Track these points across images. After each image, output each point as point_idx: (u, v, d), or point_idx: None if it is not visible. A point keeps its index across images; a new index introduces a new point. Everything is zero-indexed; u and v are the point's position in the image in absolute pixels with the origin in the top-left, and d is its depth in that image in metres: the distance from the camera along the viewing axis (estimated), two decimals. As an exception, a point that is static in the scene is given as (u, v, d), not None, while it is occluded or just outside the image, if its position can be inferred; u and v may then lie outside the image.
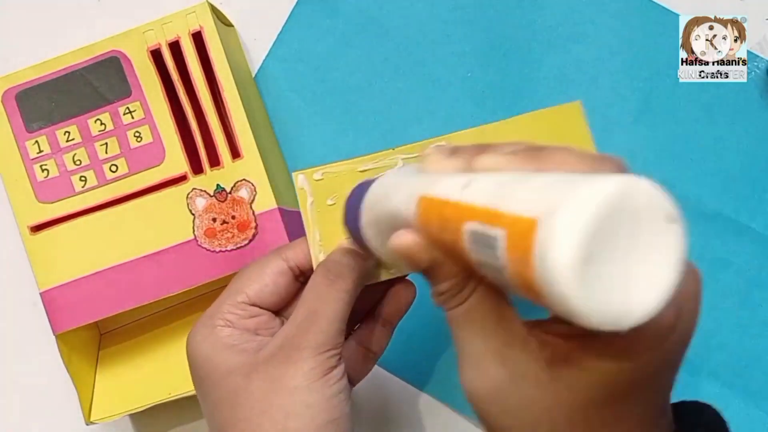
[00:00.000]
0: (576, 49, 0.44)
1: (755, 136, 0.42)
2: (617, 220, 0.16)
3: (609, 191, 0.15)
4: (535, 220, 0.16)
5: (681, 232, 0.17)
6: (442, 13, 0.44)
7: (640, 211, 0.16)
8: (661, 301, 0.16)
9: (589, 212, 0.15)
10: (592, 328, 0.16)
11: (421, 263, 0.23)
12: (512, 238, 0.17)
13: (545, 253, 0.15)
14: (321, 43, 0.45)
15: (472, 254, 0.19)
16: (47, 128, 0.39)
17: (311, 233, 0.31)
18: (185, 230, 0.38)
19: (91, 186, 0.39)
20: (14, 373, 0.45)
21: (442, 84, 0.44)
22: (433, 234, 0.22)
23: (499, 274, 0.18)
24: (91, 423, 0.38)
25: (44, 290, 0.38)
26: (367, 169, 0.31)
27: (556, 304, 0.16)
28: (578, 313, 0.16)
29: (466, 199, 0.20)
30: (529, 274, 0.16)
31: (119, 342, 0.43)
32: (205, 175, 0.39)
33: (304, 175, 0.31)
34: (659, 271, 0.16)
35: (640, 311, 0.16)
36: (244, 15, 0.45)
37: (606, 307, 0.16)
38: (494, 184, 0.19)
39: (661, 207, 0.16)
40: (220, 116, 0.39)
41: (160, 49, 0.39)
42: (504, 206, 0.18)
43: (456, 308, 0.23)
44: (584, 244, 0.15)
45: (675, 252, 0.17)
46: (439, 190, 0.22)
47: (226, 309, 0.30)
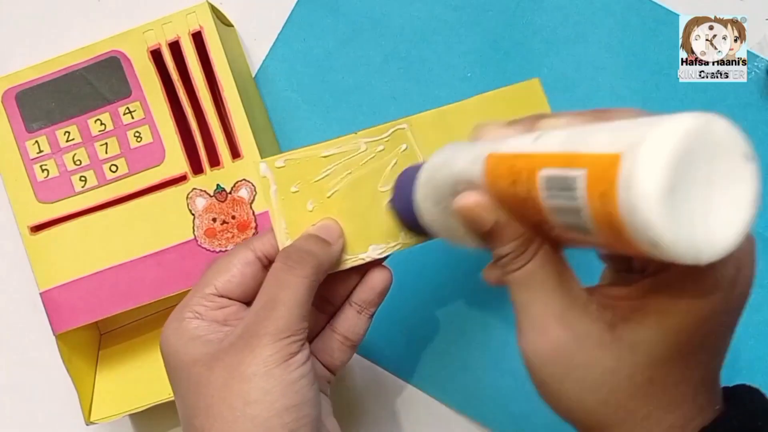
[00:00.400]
0: (576, 49, 0.44)
1: (755, 137, 0.42)
2: (699, 152, 0.16)
3: (692, 123, 0.16)
4: (618, 155, 0.16)
5: (756, 171, 0.17)
6: (442, 13, 0.44)
7: (719, 147, 0.17)
8: (739, 236, 0.17)
9: (673, 142, 0.16)
10: (675, 258, 0.16)
11: (486, 224, 0.23)
12: (593, 175, 0.17)
13: (630, 183, 0.16)
14: (321, 43, 0.45)
15: (547, 202, 0.20)
16: (47, 128, 0.39)
17: (277, 221, 0.31)
18: (185, 230, 0.38)
19: (91, 186, 0.39)
20: (14, 373, 0.45)
21: (442, 84, 0.44)
22: (502, 190, 0.22)
23: (576, 218, 0.18)
24: (91, 423, 0.38)
25: (44, 290, 0.38)
26: (330, 154, 0.31)
27: (641, 235, 0.16)
28: (664, 241, 0.16)
29: (539, 149, 0.20)
30: (611, 208, 0.17)
31: (119, 342, 0.43)
32: (205, 175, 0.39)
33: (266, 163, 0.31)
34: (737, 207, 0.17)
35: (720, 244, 0.17)
36: (244, 15, 0.45)
37: (689, 236, 0.16)
38: (566, 133, 0.20)
39: (739, 144, 0.17)
40: (220, 116, 0.39)
41: (160, 49, 0.39)
42: (582, 148, 0.18)
43: (518, 271, 0.23)
44: (670, 173, 0.16)
45: (751, 190, 0.17)
46: (508, 147, 0.22)
47: (195, 301, 0.30)
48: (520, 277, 0.23)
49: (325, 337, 0.33)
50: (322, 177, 0.31)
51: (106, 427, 0.44)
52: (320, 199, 0.31)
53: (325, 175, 0.31)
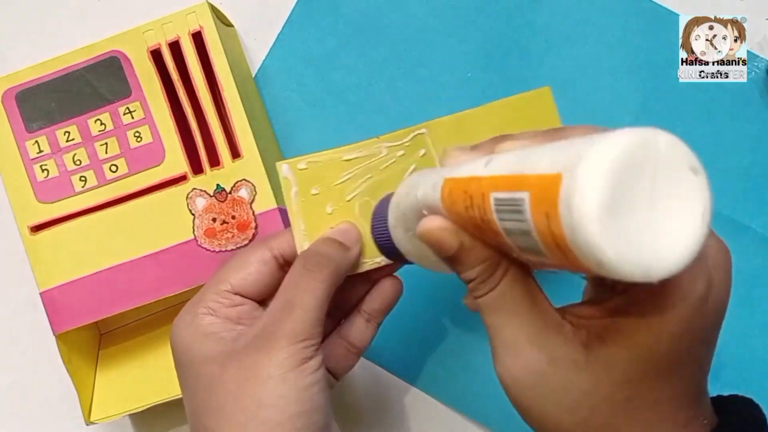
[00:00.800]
0: (576, 49, 0.44)
1: (755, 136, 0.43)
2: (640, 168, 0.16)
3: (629, 140, 0.16)
4: (559, 175, 0.16)
5: (705, 184, 0.17)
6: (442, 13, 0.44)
7: (662, 161, 0.16)
8: (691, 252, 0.17)
9: (610, 159, 0.16)
10: (621, 278, 0.16)
11: (450, 247, 0.22)
12: (537, 196, 0.17)
13: (570, 203, 0.16)
14: (321, 43, 0.45)
15: (501, 224, 0.19)
16: (47, 128, 0.39)
17: (296, 223, 0.31)
18: (185, 230, 0.38)
19: (91, 186, 0.39)
20: (14, 373, 0.45)
21: (442, 84, 0.44)
22: (460, 214, 0.22)
23: (528, 239, 0.18)
24: (91, 423, 0.38)
25: (44, 290, 0.38)
26: (352, 158, 0.31)
27: (585, 255, 0.16)
28: (607, 262, 0.16)
29: (489, 172, 0.20)
30: (556, 229, 0.16)
31: (119, 342, 0.43)
32: (205, 175, 0.39)
33: (288, 165, 0.31)
34: (686, 222, 0.17)
35: (670, 261, 0.16)
36: (244, 15, 0.45)
37: (635, 255, 0.16)
38: (515, 155, 0.20)
39: (684, 157, 0.17)
40: (220, 116, 0.39)
41: (160, 49, 0.39)
42: (527, 169, 0.18)
43: (487, 294, 0.23)
44: (609, 191, 0.15)
45: (700, 203, 0.17)
46: (462, 171, 0.22)
47: (209, 297, 0.30)
48: (489, 302, 0.23)
49: (332, 342, 0.33)
50: (343, 180, 0.31)
51: (106, 427, 0.44)
52: (340, 202, 0.31)
53: (346, 179, 0.31)
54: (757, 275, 0.42)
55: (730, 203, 0.42)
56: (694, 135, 0.43)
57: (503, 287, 0.22)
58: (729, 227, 0.42)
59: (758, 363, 0.41)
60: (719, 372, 0.41)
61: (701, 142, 0.43)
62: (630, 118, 0.43)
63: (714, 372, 0.42)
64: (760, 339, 0.41)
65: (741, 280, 0.41)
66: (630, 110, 0.43)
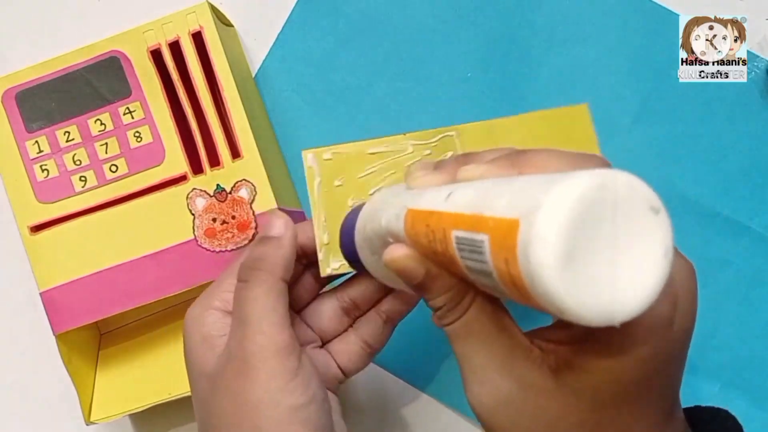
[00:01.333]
0: (576, 49, 0.43)
1: (755, 136, 0.43)
2: (598, 212, 0.16)
3: (586, 184, 0.15)
4: (516, 220, 0.16)
5: (666, 222, 0.16)
6: (442, 13, 0.44)
7: (620, 203, 0.16)
8: (653, 293, 0.16)
9: (567, 206, 0.15)
10: (584, 324, 0.16)
11: (416, 276, 0.22)
12: (496, 240, 0.17)
13: (528, 252, 0.15)
14: (321, 43, 0.45)
15: (462, 262, 0.19)
16: (47, 128, 0.39)
17: (317, 213, 0.30)
18: (185, 230, 0.38)
19: (91, 186, 0.39)
20: (14, 373, 0.45)
21: (442, 84, 0.44)
22: (424, 246, 0.22)
23: (489, 279, 0.18)
24: (91, 423, 0.38)
25: (44, 290, 0.38)
26: (377, 152, 0.31)
27: (545, 303, 0.16)
28: (567, 309, 0.15)
29: (449, 208, 0.20)
30: (515, 274, 0.16)
31: (119, 342, 0.43)
32: (205, 175, 0.39)
33: (313, 154, 0.30)
34: (648, 263, 0.16)
35: (631, 304, 0.16)
36: (244, 15, 0.45)
37: (595, 301, 0.16)
38: (476, 190, 0.19)
39: (643, 198, 0.16)
40: (220, 116, 0.39)
41: (160, 49, 0.39)
42: (486, 210, 0.18)
43: (455, 322, 0.22)
44: (565, 239, 0.15)
45: (662, 243, 0.16)
46: (424, 203, 0.22)
47: (225, 287, 0.30)
48: (457, 329, 0.22)
49: (347, 340, 0.33)
50: (366, 174, 0.31)
51: (106, 427, 0.44)
52: (361, 195, 0.31)
53: (370, 173, 0.31)
54: (757, 275, 0.42)
55: (730, 203, 0.42)
56: (694, 135, 0.43)
57: (470, 315, 0.22)
58: (729, 227, 0.42)
59: (758, 363, 0.41)
60: (719, 372, 0.41)
61: (701, 142, 0.43)
62: (630, 118, 0.43)
63: (714, 372, 0.42)
64: (760, 339, 0.41)
65: (741, 280, 0.42)
66: (630, 110, 0.43)
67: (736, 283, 0.42)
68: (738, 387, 0.41)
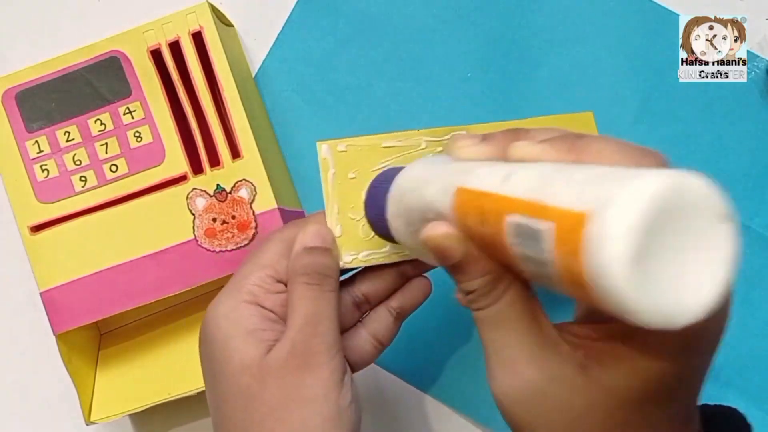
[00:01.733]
0: (576, 50, 0.44)
1: (755, 136, 0.43)
2: (670, 216, 0.15)
3: (662, 186, 0.15)
4: (584, 215, 0.16)
5: (734, 231, 0.16)
6: (442, 14, 0.44)
7: (692, 209, 0.16)
8: (716, 299, 0.16)
9: (642, 207, 0.15)
10: (644, 325, 0.16)
11: (454, 256, 0.22)
12: (561, 231, 0.17)
13: (597, 249, 0.15)
14: (321, 43, 0.45)
15: (514, 248, 0.19)
16: (47, 128, 0.39)
17: (330, 205, 0.30)
18: (185, 230, 0.38)
19: (91, 186, 0.39)
20: (14, 373, 0.45)
21: (442, 84, 0.44)
22: (471, 227, 0.21)
23: (542, 268, 0.18)
24: (91, 423, 0.38)
25: (44, 290, 0.38)
26: (391, 146, 0.30)
27: (607, 301, 0.16)
28: (631, 310, 0.15)
29: (507, 192, 0.19)
30: (578, 268, 0.16)
31: (119, 342, 0.43)
32: (205, 175, 0.39)
33: (328, 146, 0.30)
34: (712, 270, 0.16)
35: (694, 309, 0.16)
36: (244, 15, 0.45)
37: (659, 304, 0.16)
38: (536, 176, 0.19)
39: (714, 205, 0.16)
40: (220, 116, 0.39)
41: (160, 49, 0.39)
42: (550, 199, 0.17)
43: (487, 308, 0.22)
44: (637, 240, 0.15)
45: (728, 251, 0.16)
46: (477, 182, 0.21)
47: (253, 281, 0.29)
48: (489, 316, 0.22)
49: (356, 335, 0.32)
50: (380, 167, 0.31)
51: (106, 427, 0.44)
52: None
53: (383, 166, 0.31)
54: (757, 275, 0.42)
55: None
56: (694, 135, 0.43)
57: (504, 303, 0.22)
58: (729, 227, 0.42)
59: (758, 363, 0.41)
60: (719, 372, 0.41)
61: (701, 142, 0.43)
62: (630, 118, 0.43)
63: (714, 372, 0.42)
64: (760, 339, 0.41)
65: (741, 280, 0.42)
66: (630, 110, 0.43)
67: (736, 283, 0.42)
68: (738, 387, 0.41)
